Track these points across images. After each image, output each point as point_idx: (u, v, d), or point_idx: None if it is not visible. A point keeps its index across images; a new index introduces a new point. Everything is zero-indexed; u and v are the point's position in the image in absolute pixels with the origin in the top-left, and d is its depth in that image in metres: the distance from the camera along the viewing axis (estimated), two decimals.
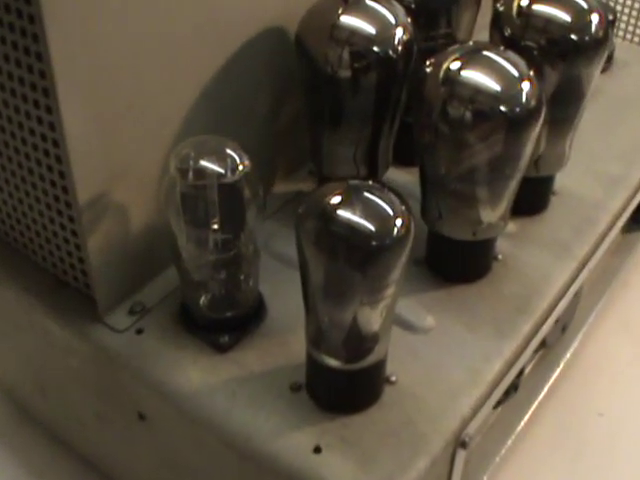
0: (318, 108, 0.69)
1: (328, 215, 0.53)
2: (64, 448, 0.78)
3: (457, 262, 0.68)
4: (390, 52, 0.65)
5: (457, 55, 0.61)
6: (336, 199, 0.53)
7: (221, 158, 0.59)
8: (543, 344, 0.74)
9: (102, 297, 0.64)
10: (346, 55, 0.64)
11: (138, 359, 0.63)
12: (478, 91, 0.59)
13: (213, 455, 0.61)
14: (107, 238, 0.62)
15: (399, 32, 0.65)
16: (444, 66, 0.61)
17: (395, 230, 0.53)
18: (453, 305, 0.67)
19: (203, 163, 0.58)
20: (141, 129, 0.61)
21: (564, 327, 0.78)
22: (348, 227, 0.52)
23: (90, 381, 0.68)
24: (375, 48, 0.64)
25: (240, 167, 0.59)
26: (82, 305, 0.66)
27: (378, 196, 0.54)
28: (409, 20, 0.66)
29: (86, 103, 0.56)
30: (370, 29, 0.64)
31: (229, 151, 0.59)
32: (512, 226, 0.73)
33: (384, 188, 0.55)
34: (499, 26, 0.67)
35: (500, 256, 0.70)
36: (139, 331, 0.65)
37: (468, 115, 0.59)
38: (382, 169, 0.72)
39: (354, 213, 0.53)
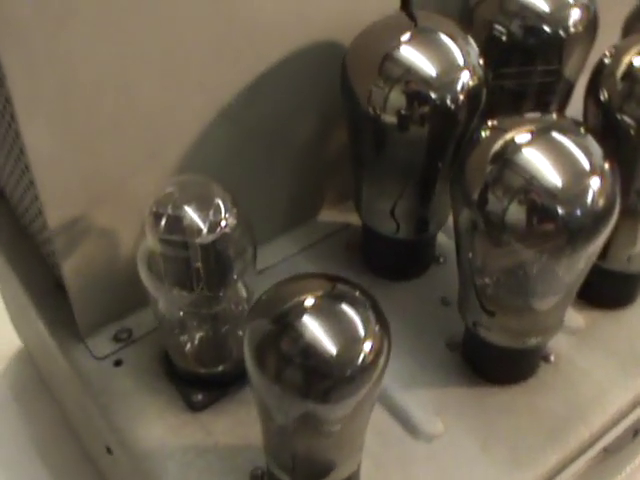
0: (357, 150, 0.57)
1: (275, 326, 0.43)
2: None
3: (493, 362, 0.56)
4: (448, 101, 0.52)
5: (519, 128, 0.48)
6: (289, 306, 0.44)
7: (203, 207, 0.50)
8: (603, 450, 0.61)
9: (82, 319, 0.58)
10: (394, 97, 0.52)
11: (107, 396, 0.57)
12: (530, 182, 0.46)
13: None
14: (87, 262, 0.55)
15: (464, 76, 0.52)
16: (500, 139, 0.48)
17: (359, 358, 0.43)
18: (474, 410, 0.55)
19: (181, 213, 0.49)
20: (131, 154, 0.53)
21: (636, 432, 0.65)
22: (297, 347, 0.43)
23: (73, 396, 0.63)
24: (430, 93, 0.52)
25: (223, 222, 0.49)
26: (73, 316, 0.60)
27: (342, 309, 0.44)
28: (481, 62, 0.53)
29: (54, 127, 0.49)
30: (428, 68, 0.52)
31: (216, 200, 0.50)
32: (580, 320, 0.60)
33: (358, 297, 0.44)
34: (596, 84, 0.53)
35: (553, 357, 0.58)
36: (117, 363, 0.58)
37: (512, 210, 0.47)
38: (433, 228, 0.60)
39: (308, 328, 0.43)
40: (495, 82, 0.58)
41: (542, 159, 0.47)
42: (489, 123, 0.50)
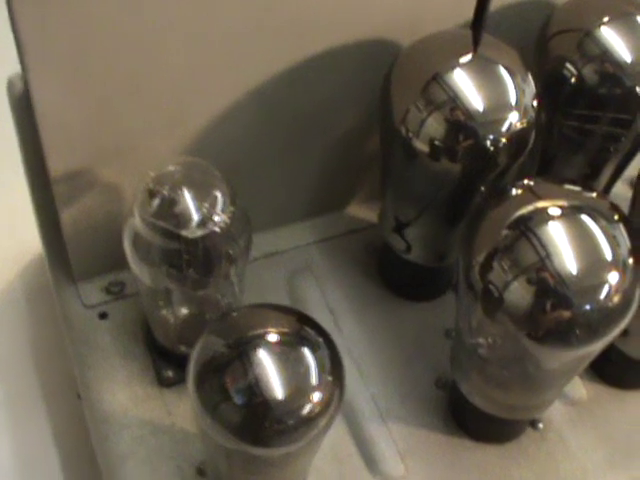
0: (385, 159, 0.53)
1: (228, 351, 0.41)
2: None
3: (475, 419, 0.53)
4: (489, 141, 0.47)
5: (552, 198, 0.44)
6: (250, 335, 0.41)
7: (201, 197, 0.47)
8: None
9: (76, 264, 0.57)
10: (431, 123, 0.48)
11: (85, 347, 0.56)
12: (543, 261, 0.42)
13: None
14: (86, 213, 0.54)
15: (513, 117, 0.47)
16: (528, 204, 0.44)
17: (305, 408, 0.40)
18: (441, 462, 0.52)
19: (176, 196, 0.47)
20: (147, 117, 0.50)
21: None
22: (243, 381, 0.40)
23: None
24: (471, 129, 0.47)
25: (217, 218, 0.47)
26: None
27: (300, 354, 0.41)
28: (535, 104, 0.48)
29: (65, 80, 0.46)
30: (476, 100, 0.47)
31: (215, 192, 0.47)
32: (582, 391, 0.55)
33: (321, 343, 0.42)
34: None
35: (541, 425, 0.54)
36: (103, 315, 0.57)
37: (515, 287, 0.42)
38: (447, 260, 0.56)
39: (260, 364, 0.40)
40: (555, 121, 0.52)
41: (564, 240, 0.42)
42: (524, 181, 0.45)
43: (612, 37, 0.50)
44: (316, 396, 0.40)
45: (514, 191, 0.45)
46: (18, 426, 0.65)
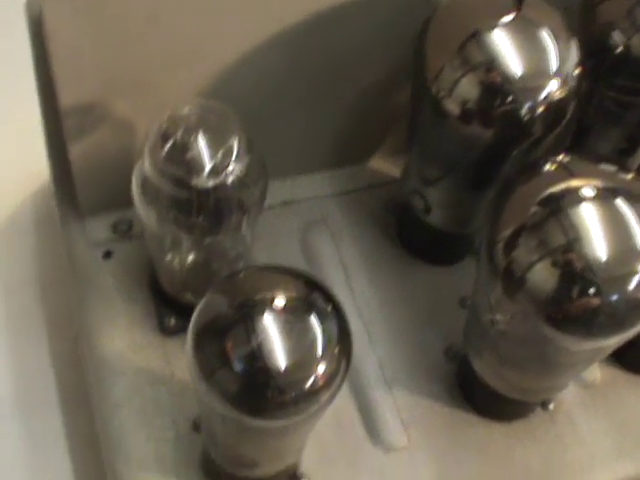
0: (414, 115, 0.50)
1: (232, 312, 0.39)
2: None
3: (483, 396, 0.50)
4: (524, 109, 0.44)
5: (586, 177, 0.41)
6: (258, 297, 0.39)
7: (215, 144, 0.44)
8: None
9: (83, 199, 0.55)
10: (464, 84, 0.45)
11: (88, 287, 0.54)
12: (572, 244, 0.39)
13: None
14: (96, 148, 0.51)
15: (552, 86, 0.44)
16: (561, 182, 0.41)
17: (308, 381, 0.38)
18: (444, 436, 0.51)
19: (189, 141, 0.44)
20: (166, 50, 0.47)
21: None
22: (245, 346, 0.38)
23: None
24: (507, 95, 0.44)
25: (230, 167, 0.44)
26: None
27: (307, 321, 0.38)
28: (576, 73, 0.45)
29: (77, 2, 0.43)
30: (515, 64, 0.44)
31: (231, 140, 0.44)
32: (597, 374, 0.53)
33: (329, 312, 0.39)
34: None
35: (552, 406, 0.52)
36: (107, 254, 0.55)
37: (539, 268, 0.40)
38: (469, 227, 0.53)
39: (264, 331, 0.38)
40: (595, 91, 0.49)
41: (596, 223, 0.39)
42: (559, 157, 0.42)
43: None
44: (321, 368, 0.38)
45: (547, 166, 0.42)
46: (17, 351, 0.63)
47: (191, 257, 0.52)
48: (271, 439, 0.42)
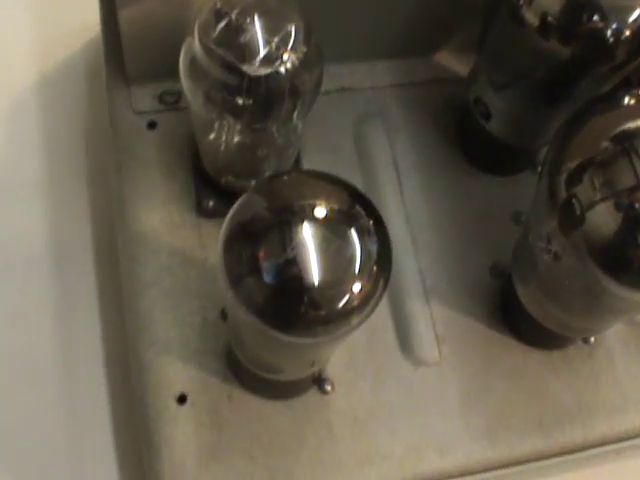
0: (487, 21, 0.46)
1: (269, 215, 0.36)
2: None
3: (524, 322, 0.48)
4: (610, 30, 0.40)
5: None
6: (298, 204, 0.36)
7: (272, 29, 0.41)
8: None
9: (131, 65, 0.52)
10: None
11: (127, 155, 0.52)
12: (638, 195, 0.36)
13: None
14: (147, 15, 0.48)
15: None
16: (631, 123, 0.37)
17: (343, 298, 0.36)
18: (478, 356, 0.49)
19: (245, 22, 0.41)
20: None
21: None
22: (278, 254, 0.36)
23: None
24: (593, 11, 0.40)
25: (285, 56, 0.41)
26: None
27: (347, 235, 0.36)
28: None
29: None
30: None
31: (289, 26, 0.41)
32: None
33: (370, 227, 0.37)
34: None
35: (593, 339, 0.49)
36: (151, 125, 0.53)
37: (601, 210, 0.37)
38: (529, 142, 0.50)
39: (301, 240, 0.35)
40: None
41: None
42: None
43: None
44: (356, 287, 0.36)
45: (627, 99, 0.38)
46: (56, 205, 0.62)
47: (236, 140, 0.49)
48: (298, 352, 0.41)
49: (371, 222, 0.37)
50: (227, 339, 0.47)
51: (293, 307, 0.36)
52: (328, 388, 0.48)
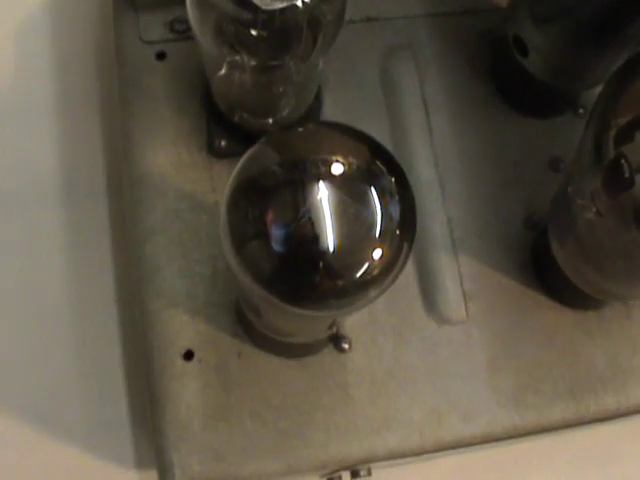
0: None
1: (280, 170, 0.33)
2: None
3: (558, 278, 0.44)
4: None
5: None
6: (313, 159, 0.32)
7: None
8: None
9: None
10: None
11: (134, 89, 0.48)
12: None
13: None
14: None
15: None
16: None
17: (362, 266, 0.32)
18: (508, 316, 0.46)
19: None
20: None
21: None
22: (290, 215, 0.32)
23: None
24: None
25: None
26: None
27: (367, 196, 0.32)
28: None
29: None
30: None
31: None
32: None
33: (392, 188, 0.33)
34: None
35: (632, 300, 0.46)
36: (161, 55, 0.49)
37: None
38: (571, 86, 0.45)
39: (315, 200, 0.32)
40: None
41: None
42: None
43: None
44: (377, 253, 0.33)
45: None
46: (68, 136, 0.59)
47: (250, 77, 0.45)
48: (313, 321, 0.37)
49: (394, 180, 0.33)
50: (239, 294, 0.44)
51: (305, 277, 0.32)
52: (345, 346, 0.44)
